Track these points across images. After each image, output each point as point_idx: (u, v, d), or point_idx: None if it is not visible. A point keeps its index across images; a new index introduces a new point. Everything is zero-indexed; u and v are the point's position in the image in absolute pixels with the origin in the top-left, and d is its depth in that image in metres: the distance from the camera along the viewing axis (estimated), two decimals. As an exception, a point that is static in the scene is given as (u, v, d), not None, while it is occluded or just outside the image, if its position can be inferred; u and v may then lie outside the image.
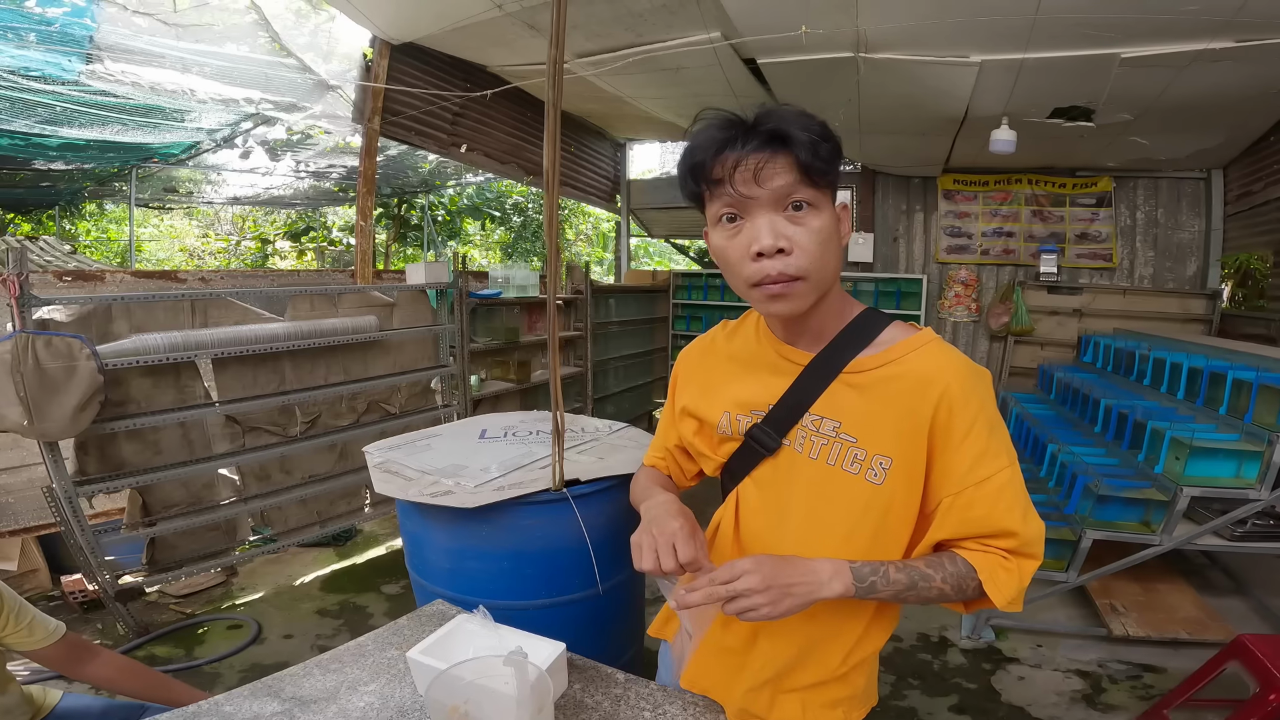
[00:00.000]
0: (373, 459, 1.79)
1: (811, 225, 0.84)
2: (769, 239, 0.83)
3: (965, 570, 0.89)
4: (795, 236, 0.84)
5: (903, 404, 0.89)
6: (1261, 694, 1.80)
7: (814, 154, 0.82)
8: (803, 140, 0.82)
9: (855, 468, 0.91)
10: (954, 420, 0.87)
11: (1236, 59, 2.97)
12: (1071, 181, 5.50)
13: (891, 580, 0.87)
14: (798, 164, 0.82)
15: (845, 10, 2.63)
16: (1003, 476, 0.88)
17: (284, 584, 3.26)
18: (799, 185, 0.83)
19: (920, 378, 0.89)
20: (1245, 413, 2.84)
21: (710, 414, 1.04)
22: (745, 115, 0.87)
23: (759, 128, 0.84)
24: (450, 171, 7.60)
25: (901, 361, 0.91)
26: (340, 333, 3.41)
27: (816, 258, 0.85)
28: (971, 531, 0.89)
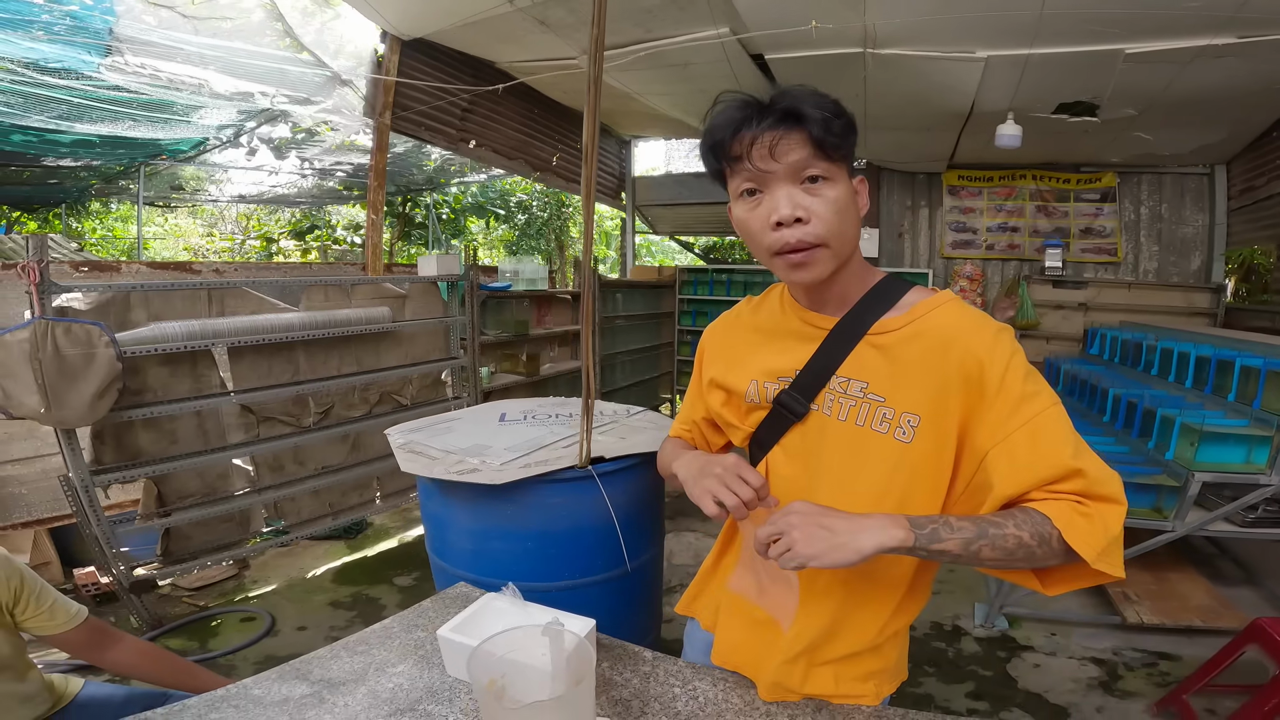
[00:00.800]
0: (395, 440, 1.81)
1: (827, 195, 0.87)
2: (787, 209, 0.87)
3: (1040, 518, 0.81)
4: (812, 206, 0.87)
5: (927, 361, 0.90)
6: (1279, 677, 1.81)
7: (826, 129, 0.85)
8: (815, 117, 0.85)
9: (884, 427, 0.92)
10: (986, 372, 0.86)
11: (1239, 55, 2.99)
12: (1076, 177, 5.52)
13: (956, 528, 0.82)
14: (811, 139, 0.85)
15: (853, 6, 2.65)
16: (1046, 417, 0.85)
17: (296, 577, 3.27)
18: (813, 159, 0.86)
19: (942, 335, 0.90)
20: (1254, 399, 2.85)
21: (738, 384, 1.06)
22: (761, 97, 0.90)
23: (774, 106, 0.87)
24: (454, 169, 7.61)
25: (924, 320, 0.92)
26: (354, 323, 3.42)
27: (834, 225, 0.88)
28: (1028, 480, 0.84)
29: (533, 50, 3.78)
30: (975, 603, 2.99)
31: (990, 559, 0.82)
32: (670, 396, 6.72)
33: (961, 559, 0.83)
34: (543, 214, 9.85)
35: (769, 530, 0.84)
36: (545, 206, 9.89)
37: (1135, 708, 2.26)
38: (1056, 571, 0.88)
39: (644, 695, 1.06)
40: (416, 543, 3.72)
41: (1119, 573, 0.82)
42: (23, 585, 1.27)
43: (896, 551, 0.82)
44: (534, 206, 9.85)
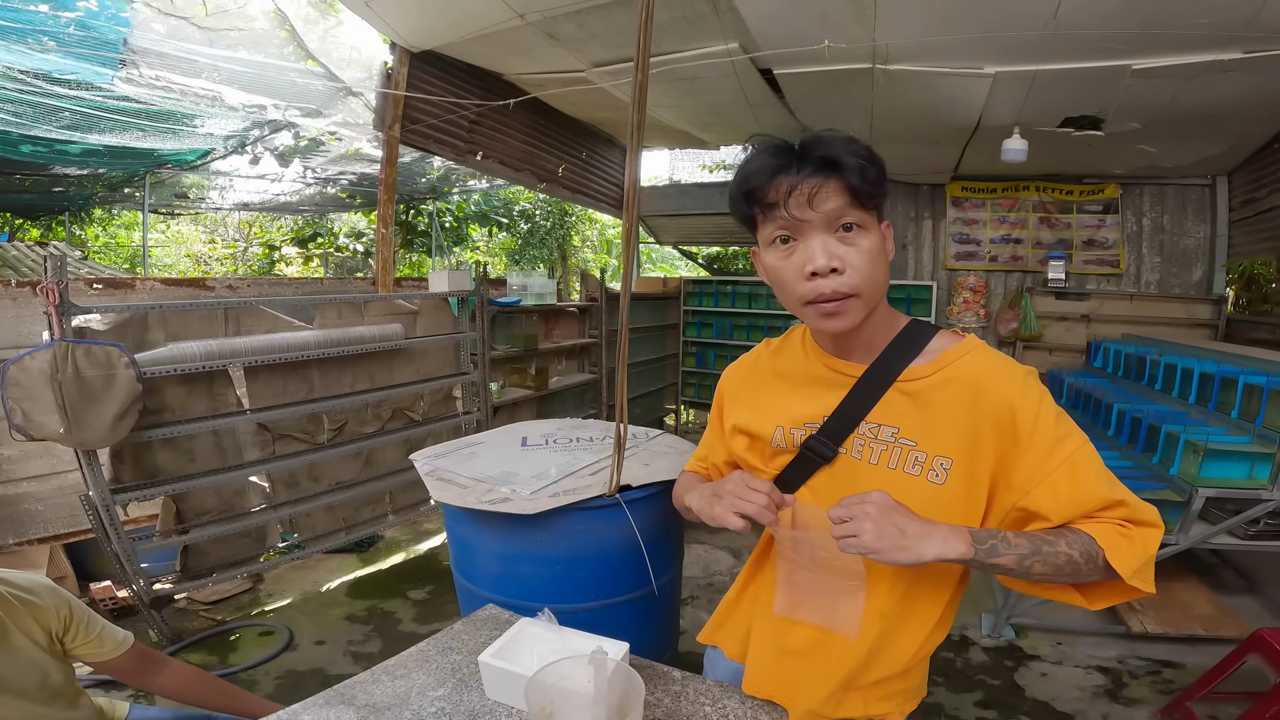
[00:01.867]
0: (422, 467, 1.84)
1: (862, 245, 0.90)
2: (823, 259, 0.89)
3: (1087, 539, 0.87)
4: (847, 256, 0.89)
5: (959, 407, 0.93)
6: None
7: (863, 178, 0.87)
8: (853, 165, 0.87)
9: (916, 470, 0.95)
10: (1019, 418, 0.90)
11: (1244, 69, 3.04)
12: (1078, 189, 5.57)
13: (1013, 544, 0.86)
14: (848, 188, 0.87)
15: (863, 24, 2.70)
16: (1081, 454, 0.90)
17: (311, 590, 3.30)
18: (849, 208, 0.88)
19: (973, 382, 0.93)
20: (1257, 416, 2.90)
21: (763, 429, 1.08)
22: (793, 142, 0.92)
23: (811, 154, 0.89)
24: (456, 178, 7.66)
25: (954, 367, 0.95)
26: (368, 340, 3.46)
27: (867, 275, 0.90)
28: (1074, 512, 0.89)
29: (541, 63, 3.82)
30: (982, 613, 3.03)
31: (1040, 574, 0.87)
32: (675, 408, 6.76)
33: (1014, 572, 0.88)
34: (545, 223, 9.90)
35: (843, 512, 0.86)
36: (548, 215, 9.93)
37: (1140, 715, 2.31)
38: (1098, 587, 0.93)
39: (676, 714, 1.10)
40: (428, 556, 3.75)
41: (1150, 589, 0.87)
42: (71, 614, 1.30)
43: (956, 562, 0.86)
44: (537, 215, 9.89)
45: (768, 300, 6.26)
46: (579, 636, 1.19)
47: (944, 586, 1.03)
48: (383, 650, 2.73)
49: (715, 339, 6.50)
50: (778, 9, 2.69)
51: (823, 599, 1.01)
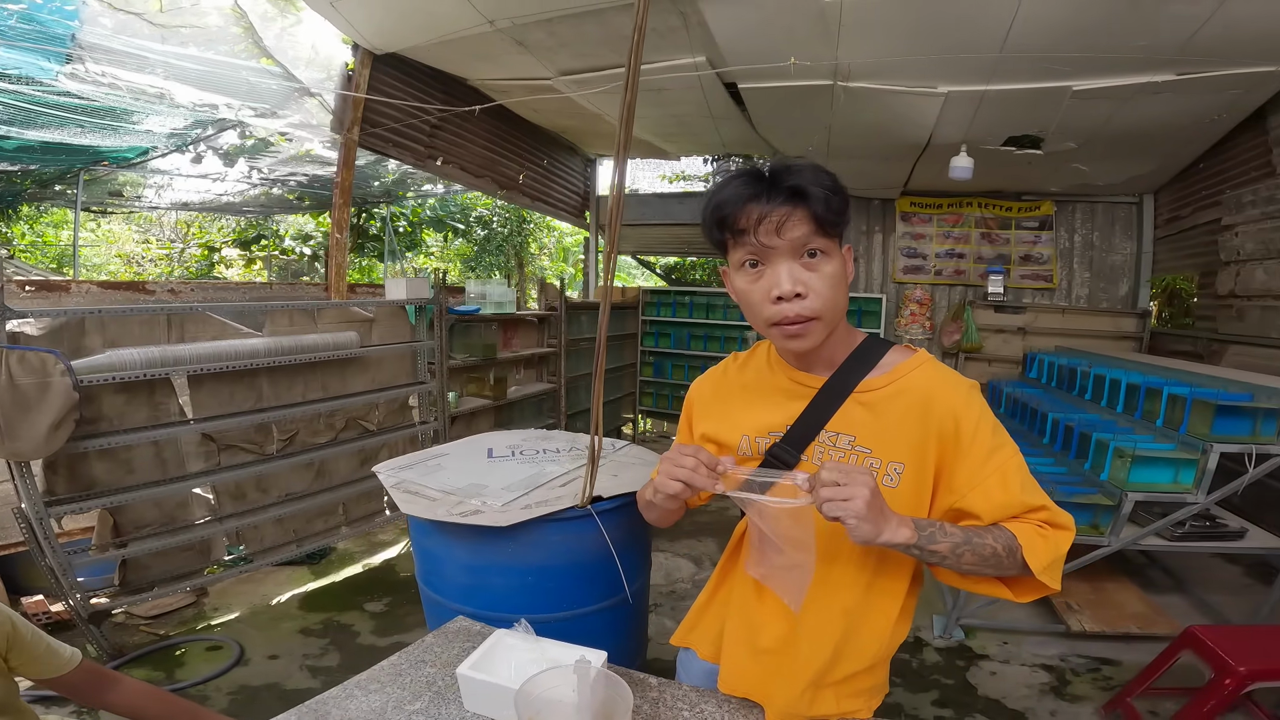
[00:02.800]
0: (387, 479, 1.80)
1: (825, 271, 0.95)
2: (788, 284, 0.94)
3: (1010, 535, 0.95)
4: (810, 281, 0.95)
5: (910, 417, 1.00)
6: (1217, 679, 1.98)
7: (827, 207, 0.93)
8: (818, 196, 0.92)
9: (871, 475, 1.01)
10: (961, 428, 0.98)
11: (1176, 91, 3.26)
12: (1017, 205, 5.86)
13: (948, 533, 0.94)
14: (813, 217, 0.93)
15: (827, 42, 2.80)
16: (1012, 464, 0.98)
17: (259, 604, 3.18)
18: (814, 235, 0.94)
19: (923, 394, 1.01)
20: (1180, 425, 3.10)
21: (730, 438, 1.13)
22: (763, 169, 0.97)
23: (780, 184, 0.94)
24: (411, 182, 7.52)
25: (905, 380, 1.02)
26: (322, 349, 3.36)
27: (829, 299, 0.96)
28: (1000, 515, 0.98)
29: (508, 70, 3.81)
30: (934, 615, 3.13)
31: (969, 564, 0.94)
32: (633, 417, 6.78)
33: (947, 560, 0.94)
34: (503, 230, 9.79)
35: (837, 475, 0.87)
36: (505, 222, 9.83)
37: (1085, 711, 2.43)
38: (1020, 581, 1.00)
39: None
40: (384, 567, 3.66)
41: (1056, 586, 0.96)
42: (15, 631, 1.24)
43: (899, 548, 0.91)
44: (494, 222, 9.78)
45: (725, 311, 6.36)
46: (556, 646, 1.19)
47: (900, 580, 1.09)
48: (341, 664, 2.65)
49: (673, 349, 6.56)
50: (746, 25, 2.76)
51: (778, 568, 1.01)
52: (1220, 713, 1.93)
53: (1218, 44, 2.79)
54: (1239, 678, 1.91)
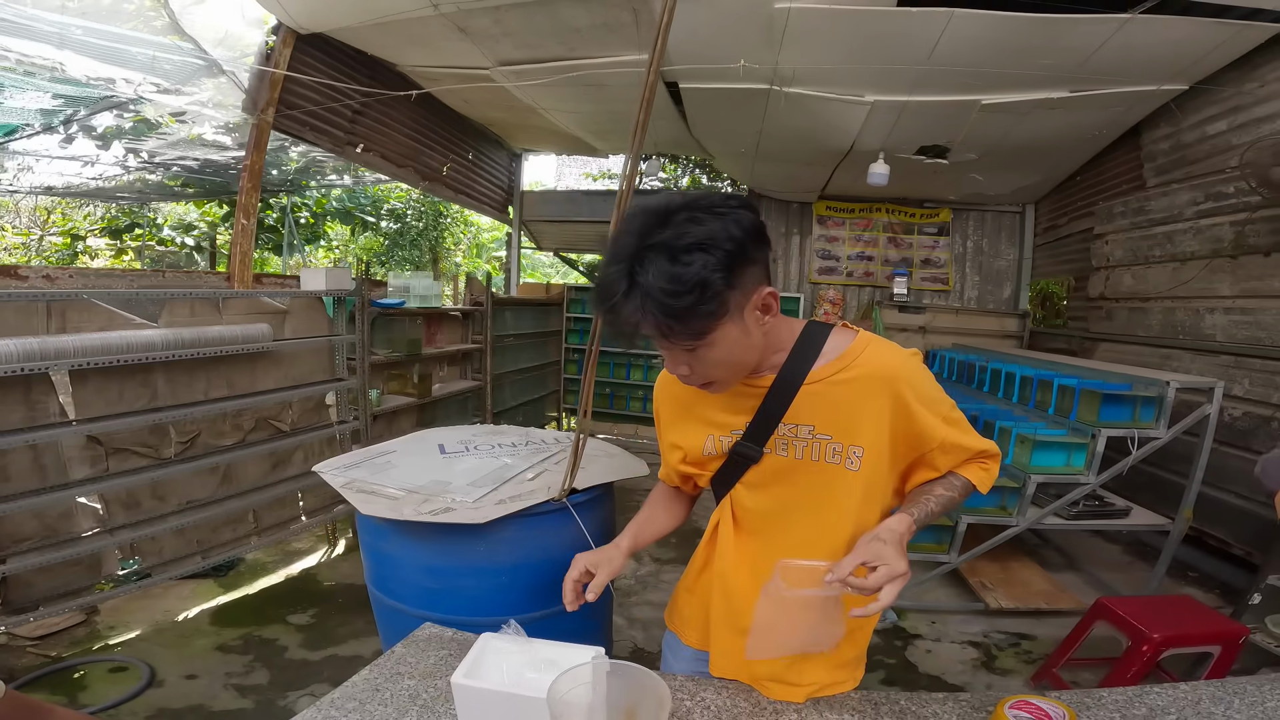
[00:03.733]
0: (335, 479, 1.66)
1: (707, 356, 0.94)
2: (671, 368, 1.01)
3: (965, 482, 1.11)
4: (694, 364, 0.96)
5: (864, 398, 1.04)
6: (1134, 647, 2.17)
7: (672, 333, 0.88)
8: (660, 327, 0.87)
9: (836, 459, 1.05)
10: (909, 397, 1.04)
11: (1068, 108, 3.60)
12: (919, 212, 6.28)
13: (928, 509, 1.05)
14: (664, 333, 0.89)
15: (770, 48, 2.87)
16: (956, 417, 1.10)
17: (163, 620, 2.87)
18: (677, 341, 0.91)
19: (873, 375, 1.03)
20: (1070, 412, 3.41)
21: (694, 442, 1.15)
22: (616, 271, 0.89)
23: (620, 318, 0.89)
24: (315, 171, 7.04)
25: (854, 365, 1.04)
26: (229, 342, 3.07)
27: (718, 371, 0.98)
28: (959, 460, 1.11)
29: (443, 57, 3.63)
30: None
31: (939, 515, 1.09)
32: (557, 415, 6.68)
33: (929, 522, 1.07)
34: (417, 224, 9.34)
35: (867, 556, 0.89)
36: (421, 216, 9.38)
37: (1015, 683, 2.61)
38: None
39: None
40: (304, 577, 3.39)
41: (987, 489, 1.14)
42: None
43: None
44: (409, 215, 9.32)
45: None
46: (549, 647, 1.13)
47: None
48: (273, 681, 2.44)
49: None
50: (696, 25, 2.78)
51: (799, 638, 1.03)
52: (1142, 677, 2.13)
53: (1112, 64, 3.11)
54: (1155, 644, 2.11)
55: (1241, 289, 3.77)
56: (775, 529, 1.12)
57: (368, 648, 2.66)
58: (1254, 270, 3.67)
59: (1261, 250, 3.60)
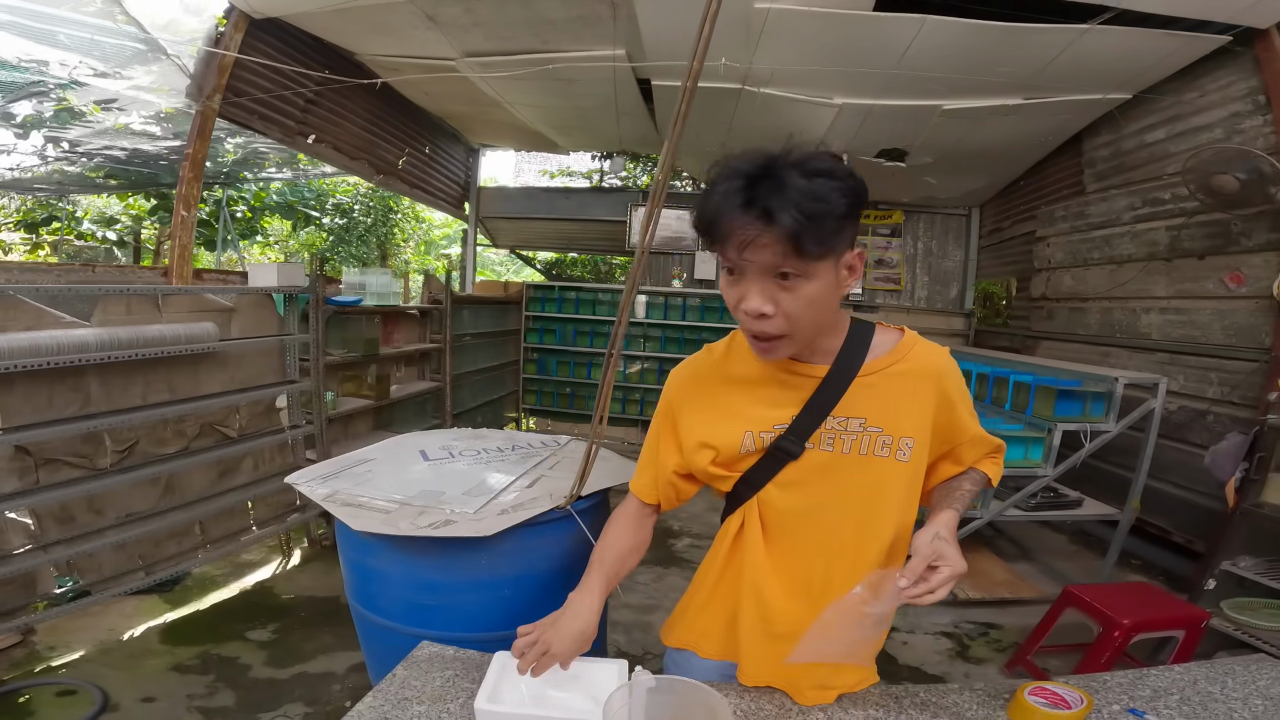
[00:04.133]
0: (315, 490, 1.54)
1: (800, 293, 0.90)
2: (755, 303, 0.91)
3: (983, 476, 1.15)
4: (781, 301, 0.90)
5: (914, 393, 1.04)
6: (1106, 633, 2.25)
7: (804, 233, 0.84)
8: (793, 221, 0.83)
9: (885, 451, 1.04)
10: (953, 392, 1.07)
11: (1020, 114, 3.74)
12: (874, 213, 6.44)
13: (963, 505, 1.07)
14: (788, 240, 0.85)
15: (747, 48, 2.86)
16: (974, 410, 1.14)
17: (109, 640, 2.65)
18: (787, 258, 0.86)
19: (924, 371, 1.05)
20: (1026, 408, 3.55)
21: (729, 439, 1.08)
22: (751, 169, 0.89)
23: (756, 201, 0.86)
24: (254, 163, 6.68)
25: (906, 359, 1.05)
26: (172, 342, 2.85)
27: (799, 319, 0.92)
28: (981, 454, 1.15)
29: (407, 46, 3.47)
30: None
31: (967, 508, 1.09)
32: (517, 416, 6.54)
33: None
34: (365, 219, 8.96)
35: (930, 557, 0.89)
36: (369, 211, 9.00)
37: (990, 671, 2.68)
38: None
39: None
40: (259, 590, 3.19)
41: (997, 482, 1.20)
42: None
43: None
44: (356, 210, 8.93)
45: (611, 307, 6.35)
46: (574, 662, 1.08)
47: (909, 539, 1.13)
48: (239, 702, 2.28)
49: (558, 345, 6.42)
50: (673, 22, 2.74)
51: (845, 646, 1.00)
52: (1114, 662, 2.21)
53: (1065, 73, 3.24)
54: (1125, 630, 2.20)
55: (1176, 290, 3.99)
56: (810, 529, 1.08)
57: (339, 664, 2.53)
58: (1188, 273, 3.89)
59: (1195, 254, 3.82)
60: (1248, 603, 2.54)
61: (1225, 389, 3.60)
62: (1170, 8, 2.82)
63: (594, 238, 6.95)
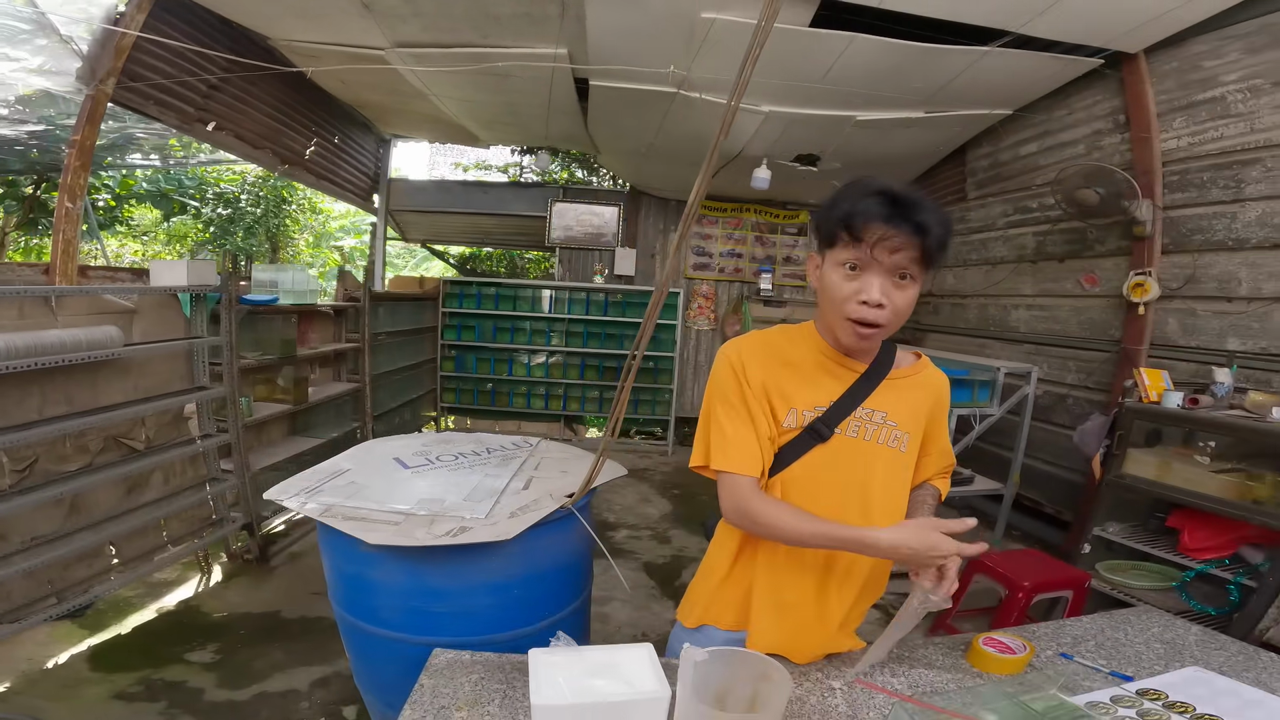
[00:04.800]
0: (309, 507, 1.49)
1: (908, 293, 1.09)
2: (877, 295, 1.07)
3: (937, 491, 1.33)
4: (894, 298, 1.08)
5: (923, 401, 1.25)
6: (1011, 595, 2.57)
7: (938, 247, 1.05)
8: (937, 236, 1.04)
9: (895, 443, 1.22)
10: (940, 409, 1.29)
11: (921, 126, 4.11)
12: (782, 213, 6.81)
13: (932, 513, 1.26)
14: (923, 251, 1.05)
15: (687, 54, 2.97)
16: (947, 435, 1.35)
17: (31, 669, 2.43)
18: (914, 264, 1.07)
19: (932, 385, 1.28)
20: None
21: (779, 407, 1.21)
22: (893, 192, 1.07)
23: (910, 216, 1.04)
24: (117, 148, 6.03)
25: (923, 373, 1.28)
26: (72, 349, 2.58)
27: (900, 314, 1.10)
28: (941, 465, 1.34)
29: (333, 33, 3.28)
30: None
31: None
32: (436, 415, 6.36)
33: None
34: (254, 209, 8.25)
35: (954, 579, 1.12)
36: (259, 201, 8.31)
37: (917, 636, 2.96)
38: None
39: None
40: (187, 611, 2.97)
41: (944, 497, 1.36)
42: None
43: None
44: (243, 200, 8.20)
45: (533, 303, 6.32)
46: (598, 651, 1.14)
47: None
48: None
49: (478, 341, 6.31)
50: (621, 26, 2.79)
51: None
52: (1020, 620, 2.54)
53: (963, 90, 3.61)
54: (1028, 591, 2.53)
55: (1040, 289, 4.56)
56: (824, 508, 1.17)
57: (299, 680, 2.43)
58: (1050, 274, 4.46)
59: (1057, 257, 4.39)
60: (1118, 565, 2.98)
61: (1082, 375, 4.17)
62: (1058, 33, 3.18)
63: (512, 232, 6.86)
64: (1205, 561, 2.66)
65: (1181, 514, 2.84)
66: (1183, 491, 2.75)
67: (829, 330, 1.20)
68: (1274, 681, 1.28)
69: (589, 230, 6.50)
